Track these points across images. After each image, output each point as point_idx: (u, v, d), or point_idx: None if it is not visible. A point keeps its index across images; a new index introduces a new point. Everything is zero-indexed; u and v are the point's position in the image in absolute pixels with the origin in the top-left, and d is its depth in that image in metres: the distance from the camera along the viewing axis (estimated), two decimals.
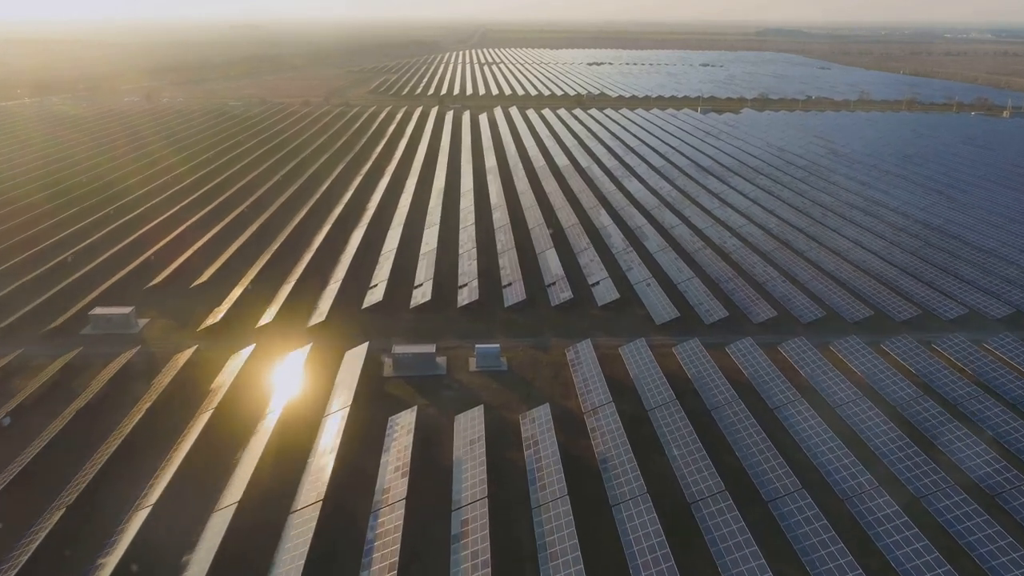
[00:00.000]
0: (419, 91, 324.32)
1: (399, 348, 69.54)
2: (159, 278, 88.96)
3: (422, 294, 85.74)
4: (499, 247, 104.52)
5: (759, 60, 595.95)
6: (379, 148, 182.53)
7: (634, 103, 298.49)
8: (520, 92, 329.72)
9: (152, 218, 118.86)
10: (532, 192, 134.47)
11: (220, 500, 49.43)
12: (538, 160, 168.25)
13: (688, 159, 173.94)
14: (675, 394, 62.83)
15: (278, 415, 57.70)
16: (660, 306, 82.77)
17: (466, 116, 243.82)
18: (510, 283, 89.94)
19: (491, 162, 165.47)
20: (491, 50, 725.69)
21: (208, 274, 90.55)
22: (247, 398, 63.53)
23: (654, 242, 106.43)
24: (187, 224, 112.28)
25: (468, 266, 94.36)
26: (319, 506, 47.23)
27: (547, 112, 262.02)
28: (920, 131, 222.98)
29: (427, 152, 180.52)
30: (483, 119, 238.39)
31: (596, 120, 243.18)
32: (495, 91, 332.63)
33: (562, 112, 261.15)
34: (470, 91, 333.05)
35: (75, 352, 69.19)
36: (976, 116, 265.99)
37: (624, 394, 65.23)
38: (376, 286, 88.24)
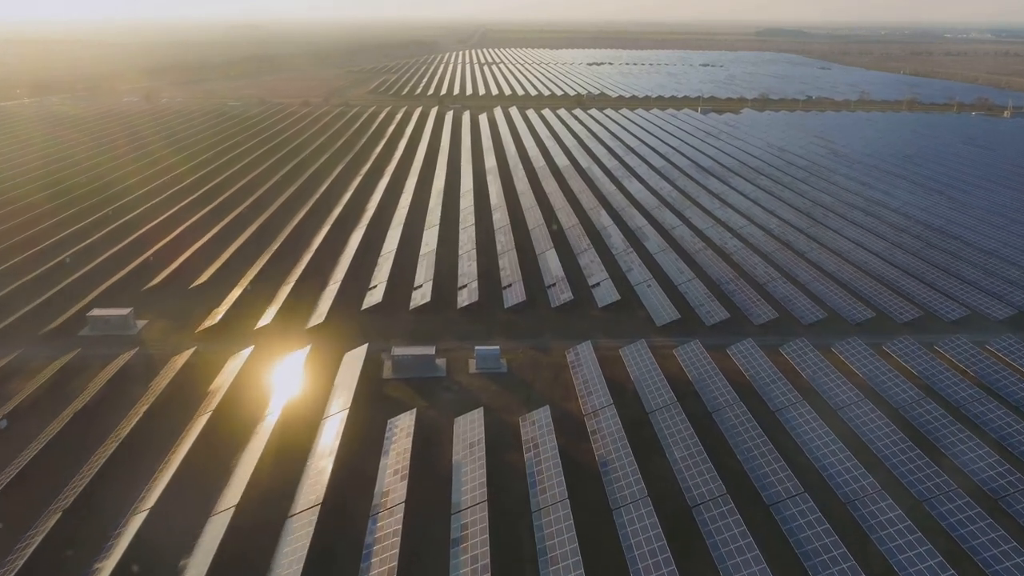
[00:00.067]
0: (419, 91, 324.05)
1: (398, 350, 69.24)
2: (158, 279, 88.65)
3: (421, 295, 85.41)
4: (499, 248, 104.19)
5: (759, 60, 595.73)
6: (379, 148, 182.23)
7: (634, 103, 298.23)
8: (520, 92, 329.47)
9: (151, 219, 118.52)
10: (532, 193, 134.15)
11: (218, 503, 49.11)
12: (538, 160, 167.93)
13: (688, 159, 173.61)
14: (676, 396, 62.51)
15: (277, 417, 57.39)
16: (661, 307, 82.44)
17: (466, 116, 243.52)
18: (510, 284, 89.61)
19: (491, 162, 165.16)
20: (491, 50, 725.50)
21: (207, 275, 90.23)
22: (246, 400, 63.21)
23: (654, 243, 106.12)
24: (186, 225, 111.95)
25: (468, 267, 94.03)
26: (318, 509, 46.92)
27: (547, 112, 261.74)
28: (921, 131, 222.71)
29: (427, 152, 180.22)
30: (483, 119, 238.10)
31: (596, 120, 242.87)
32: (495, 91, 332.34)
33: (562, 112, 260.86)
34: (470, 91, 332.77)
35: (73, 354, 68.85)
36: (977, 116, 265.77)
37: (625, 396, 64.92)
38: (375, 287, 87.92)
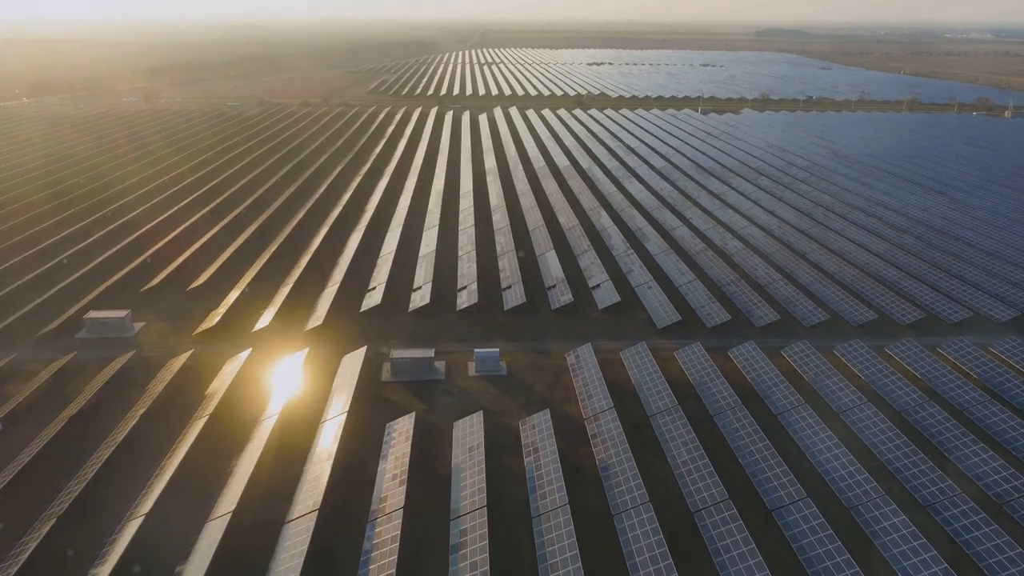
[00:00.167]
0: (418, 91, 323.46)
1: (397, 352, 68.70)
2: (155, 280, 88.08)
3: (421, 297, 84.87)
4: (499, 249, 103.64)
5: (759, 60, 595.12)
6: (378, 149, 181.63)
7: (634, 103, 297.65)
8: (520, 92, 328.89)
9: (149, 219, 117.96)
10: (532, 193, 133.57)
11: (215, 509, 48.57)
12: (538, 161, 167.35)
13: (689, 160, 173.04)
14: (677, 399, 61.97)
15: (274, 421, 56.86)
16: (661, 309, 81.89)
17: (466, 116, 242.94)
18: (510, 286, 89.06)
19: (491, 163, 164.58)
20: (491, 50, 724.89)
21: (205, 277, 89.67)
22: (243, 403, 62.68)
23: (655, 244, 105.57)
24: (184, 226, 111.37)
25: (467, 268, 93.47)
26: (315, 515, 46.40)
27: (547, 112, 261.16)
28: (921, 131, 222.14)
29: (426, 153, 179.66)
30: (483, 119, 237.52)
31: (596, 120, 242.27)
32: (495, 91, 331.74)
33: (562, 112, 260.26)
34: (470, 91, 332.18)
35: (69, 356, 68.28)
36: (978, 116, 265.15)
37: (625, 399, 64.38)
38: (374, 289, 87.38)
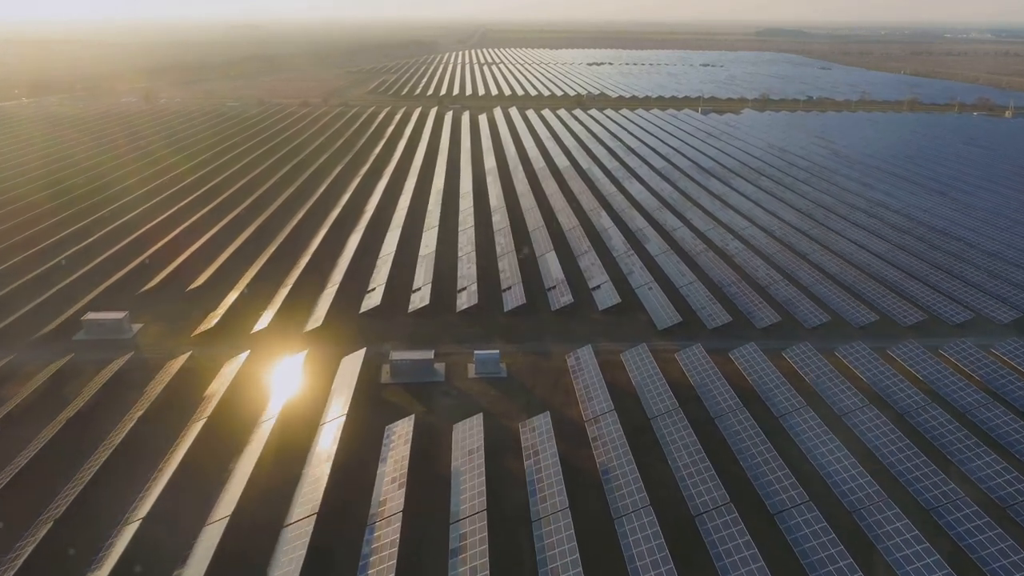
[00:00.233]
0: (418, 91, 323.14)
1: (397, 354, 68.34)
2: (153, 282, 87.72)
3: (420, 298, 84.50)
4: (499, 250, 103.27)
5: (759, 60, 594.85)
6: (378, 149, 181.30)
7: (634, 103, 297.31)
8: (520, 92, 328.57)
9: (147, 220, 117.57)
10: (532, 194, 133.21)
11: (212, 513, 48.19)
12: (538, 161, 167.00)
13: (689, 160, 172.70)
14: (678, 402, 61.57)
15: (273, 424, 56.49)
16: (662, 310, 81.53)
17: (465, 117, 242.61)
18: (510, 287, 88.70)
19: (490, 163, 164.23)
20: (491, 50, 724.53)
21: (203, 278, 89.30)
22: (241, 406, 62.30)
23: (655, 245, 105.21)
24: (183, 226, 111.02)
25: (467, 269, 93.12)
26: (314, 519, 46.02)
27: (547, 112, 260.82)
28: (922, 132, 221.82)
29: (426, 153, 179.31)
30: (482, 120, 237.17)
31: (596, 121, 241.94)
32: (495, 91, 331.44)
33: (562, 112, 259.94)
34: (469, 91, 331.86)
35: (67, 358, 67.91)
36: (978, 116, 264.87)
37: (626, 401, 64.01)
38: (374, 290, 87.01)
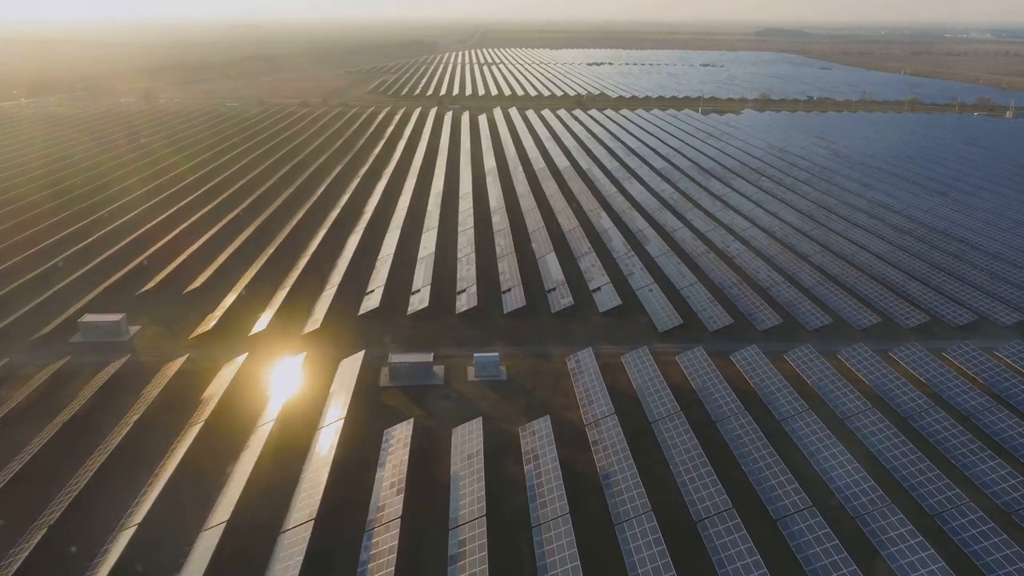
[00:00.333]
0: (418, 92, 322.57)
1: (395, 357, 67.83)
2: (151, 284, 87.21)
3: (419, 300, 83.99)
4: (498, 251, 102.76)
5: (759, 60, 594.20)
6: (377, 150, 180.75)
7: (634, 104, 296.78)
8: (520, 93, 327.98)
9: (146, 221, 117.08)
10: (532, 195, 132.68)
11: (209, 518, 47.69)
12: (538, 162, 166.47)
13: (690, 160, 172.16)
14: (679, 405, 61.11)
15: (270, 427, 55.99)
16: (663, 312, 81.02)
17: (465, 117, 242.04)
18: (509, 288, 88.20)
19: (490, 164, 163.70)
20: (490, 50, 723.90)
21: (201, 279, 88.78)
22: (239, 409, 61.80)
23: (656, 246, 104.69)
24: (181, 228, 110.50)
25: (467, 271, 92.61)
26: (311, 525, 45.51)
27: (547, 113, 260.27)
28: (923, 132, 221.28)
29: (426, 154, 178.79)
30: (482, 120, 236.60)
31: (596, 121, 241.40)
32: (494, 92, 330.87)
33: (562, 113, 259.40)
34: (469, 91, 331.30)
35: (63, 361, 67.43)
36: (979, 117, 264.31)
37: (626, 404, 63.51)
38: (373, 292, 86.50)
